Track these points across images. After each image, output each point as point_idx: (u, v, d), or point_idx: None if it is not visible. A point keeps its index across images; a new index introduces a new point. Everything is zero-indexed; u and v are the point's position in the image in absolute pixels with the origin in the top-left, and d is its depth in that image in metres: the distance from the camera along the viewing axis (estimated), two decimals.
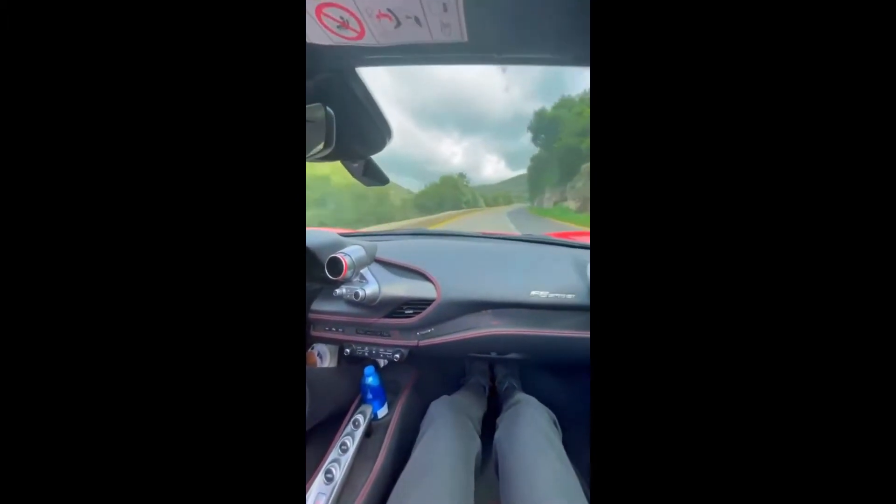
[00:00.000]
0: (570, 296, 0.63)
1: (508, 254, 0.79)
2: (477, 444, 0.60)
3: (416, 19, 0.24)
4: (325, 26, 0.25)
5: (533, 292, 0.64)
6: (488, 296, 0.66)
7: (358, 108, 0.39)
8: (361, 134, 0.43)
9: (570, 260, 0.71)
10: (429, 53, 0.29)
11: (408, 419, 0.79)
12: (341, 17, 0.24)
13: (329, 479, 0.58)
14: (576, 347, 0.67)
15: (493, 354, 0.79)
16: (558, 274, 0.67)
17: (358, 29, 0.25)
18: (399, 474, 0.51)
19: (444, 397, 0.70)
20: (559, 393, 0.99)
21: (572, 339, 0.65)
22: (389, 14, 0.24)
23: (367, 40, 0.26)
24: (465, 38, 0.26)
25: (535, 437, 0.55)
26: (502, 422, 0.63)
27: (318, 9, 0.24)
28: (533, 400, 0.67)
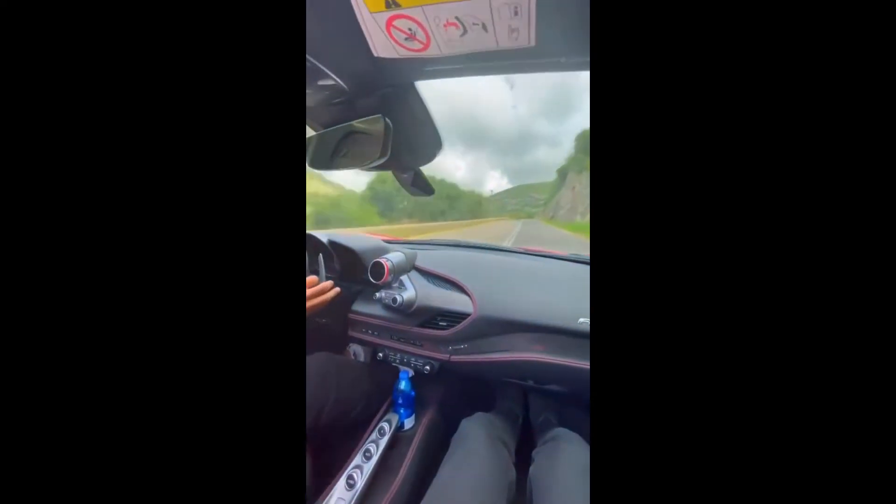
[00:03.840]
0: None
1: (554, 273, 0.74)
2: (512, 474, 0.56)
3: (484, 25, 0.23)
4: (394, 39, 0.26)
5: (582, 319, 0.59)
6: (529, 317, 0.62)
7: (414, 121, 0.40)
8: (415, 146, 0.44)
9: None
10: (490, 62, 0.28)
11: (432, 435, 0.76)
12: (409, 29, 0.25)
13: (350, 486, 0.58)
14: None
15: (531, 383, 0.74)
16: None
17: (424, 40, 0.26)
18: (419, 491, 0.48)
19: (479, 414, 0.66)
20: None
21: None
22: (457, 22, 0.23)
23: (431, 51, 0.27)
24: (533, 43, 0.25)
25: (577, 477, 0.50)
26: (538, 455, 0.57)
27: (389, 21, 0.24)
28: (575, 436, 0.61)
